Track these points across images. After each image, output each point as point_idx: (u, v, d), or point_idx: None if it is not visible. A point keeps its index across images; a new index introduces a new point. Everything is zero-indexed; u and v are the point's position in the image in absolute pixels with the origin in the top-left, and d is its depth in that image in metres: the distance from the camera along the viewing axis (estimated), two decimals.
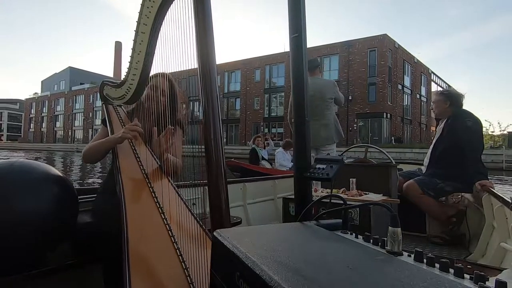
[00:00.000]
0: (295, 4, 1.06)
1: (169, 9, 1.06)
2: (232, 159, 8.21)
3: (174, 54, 0.99)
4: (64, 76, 49.35)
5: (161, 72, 1.28)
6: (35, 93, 55.54)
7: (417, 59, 27.97)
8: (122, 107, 1.54)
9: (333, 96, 3.12)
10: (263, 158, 6.13)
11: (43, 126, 50.29)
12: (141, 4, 1.09)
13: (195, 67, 0.89)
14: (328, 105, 3.09)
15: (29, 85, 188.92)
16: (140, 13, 1.10)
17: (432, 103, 2.57)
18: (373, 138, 22.84)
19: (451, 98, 2.40)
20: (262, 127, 28.01)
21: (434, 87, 30.80)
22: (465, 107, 2.40)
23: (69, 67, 49.68)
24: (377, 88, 23.06)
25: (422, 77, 29.19)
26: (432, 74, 31.42)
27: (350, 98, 23.54)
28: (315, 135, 2.94)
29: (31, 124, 52.94)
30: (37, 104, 51.82)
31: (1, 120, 63.43)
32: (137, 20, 1.12)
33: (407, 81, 26.32)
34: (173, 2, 1.04)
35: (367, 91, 23.55)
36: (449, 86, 35.10)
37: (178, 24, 0.96)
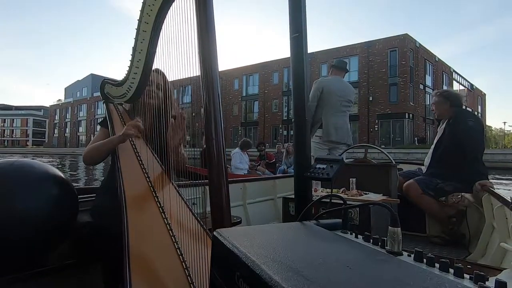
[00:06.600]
0: (295, 3, 1.06)
1: (171, 8, 1.06)
2: None
3: (176, 53, 0.99)
4: (86, 83, 50.37)
5: (155, 68, 1.28)
6: (59, 99, 57.49)
7: (438, 58, 27.31)
8: (123, 105, 1.54)
9: (353, 100, 3.22)
10: None
11: (67, 131, 51.71)
12: (143, 2, 1.09)
13: (198, 66, 0.89)
14: (349, 107, 3.17)
15: (53, 92, 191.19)
16: (142, 11, 1.10)
17: (432, 105, 2.57)
18: (395, 139, 22.31)
19: (451, 98, 2.40)
20: (280, 130, 27.89)
21: (456, 86, 29.97)
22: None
23: (91, 74, 50.47)
24: (399, 89, 22.50)
25: (444, 76, 28.44)
26: (453, 72, 30.67)
27: (370, 99, 23.20)
28: (342, 129, 2.98)
29: (55, 130, 54.38)
30: (61, 110, 53.35)
31: (26, 126, 64.95)
32: (138, 18, 1.12)
33: (428, 80, 25.54)
34: (175, 1, 1.04)
35: (388, 91, 23.01)
36: (471, 84, 34.56)
37: (180, 24, 0.96)
